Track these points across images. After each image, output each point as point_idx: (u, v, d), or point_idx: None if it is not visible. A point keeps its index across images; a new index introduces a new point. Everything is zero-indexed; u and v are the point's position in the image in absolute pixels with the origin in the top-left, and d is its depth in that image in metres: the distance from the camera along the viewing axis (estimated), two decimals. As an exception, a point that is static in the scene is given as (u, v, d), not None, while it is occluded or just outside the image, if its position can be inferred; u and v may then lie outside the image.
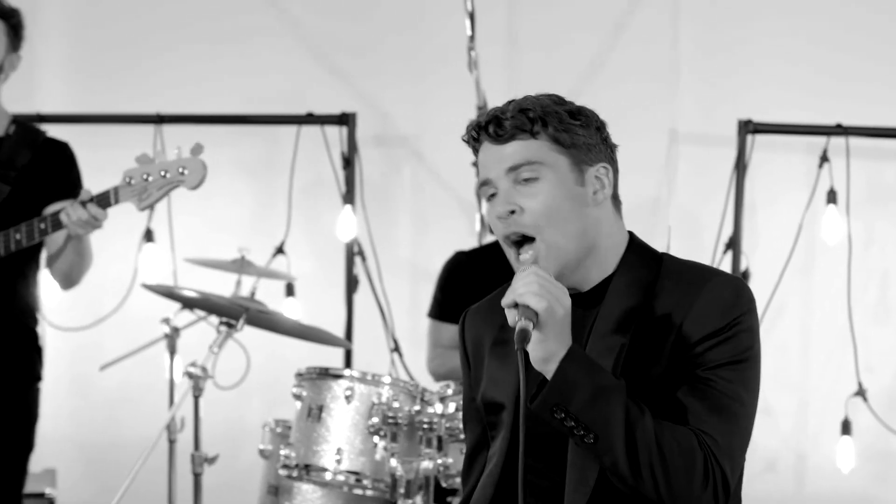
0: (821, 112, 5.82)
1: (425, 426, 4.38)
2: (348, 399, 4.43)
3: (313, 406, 4.48)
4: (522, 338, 2.50)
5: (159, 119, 5.93)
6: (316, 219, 6.31)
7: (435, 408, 4.40)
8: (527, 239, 2.73)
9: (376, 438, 4.39)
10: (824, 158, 5.71)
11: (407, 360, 5.95)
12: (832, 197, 5.72)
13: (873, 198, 6.01)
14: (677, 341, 2.65)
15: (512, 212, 2.71)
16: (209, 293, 4.75)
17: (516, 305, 2.54)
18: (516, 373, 2.78)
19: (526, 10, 6.40)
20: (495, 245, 5.47)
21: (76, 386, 6.29)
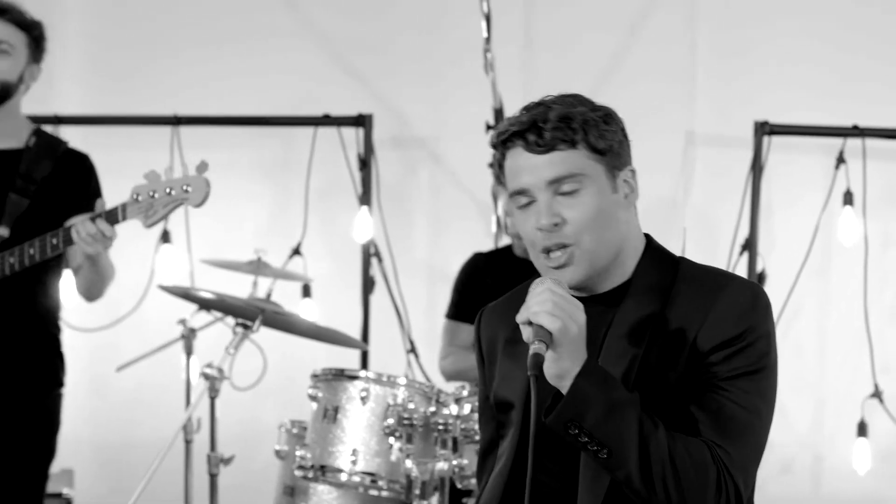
0: (837, 113, 5.82)
1: (440, 427, 4.38)
2: (364, 400, 4.43)
3: (329, 407, 4.48)
4: (536, 362, 2.48)
5: (176, 121, 5.95)
6: (332, 220, 6.32)
7: (450, 409, 4.40)
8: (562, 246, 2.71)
9: (392, 439, 4.39)
10: (841, 160, 5.71)
11: (423, 362, 5.95)
12: (849, 198, 5.72)
13: (890, 199, 6.00)
14: (693, 348, 2.64)
15: (555, 224, 2.69)
16: (225, 294, 4.76)
17: (531, 323, 2.52)
18: (526, 372, 2.80)
19: (542, 12, 6.40)
20: (512, 247, 5.48)
21: (93, 387, 6.30)
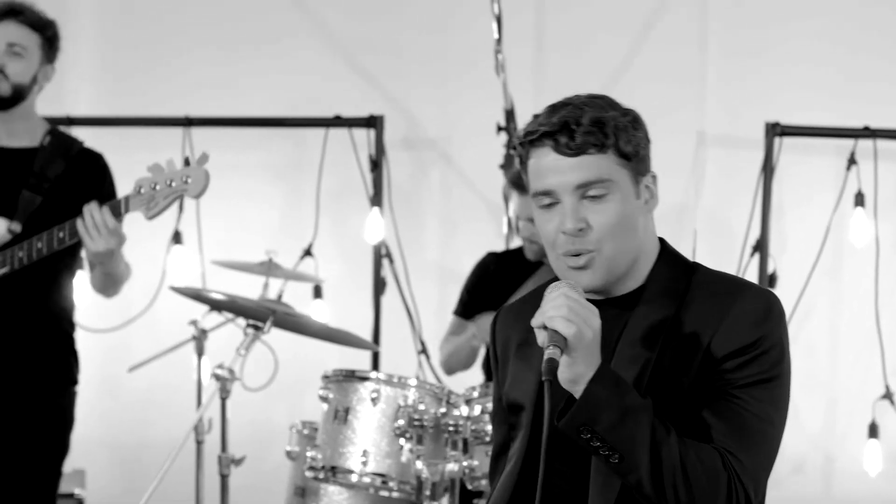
0: (848, 114, 5.81)
1: (451, 428, 4.38)
2: (374, 401, 4.44)
3: (340, 408, 4.49)
4: (550, 368, 2.47)
5: (188, 122, 5.96)
6: (344, 221, 6.33)
7: (461, 410, 4.40)
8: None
9: (402, 440, 4.39)
10: (852, 161, 5.70)
11: (434, 363, 5.95)
12: (860, 199, 5.72)
13: (901, 200, 6.00)
14: (706, 354, 2.63)
15: (580, 229, 2.67)
16: (236, 295, 4.76)
17: (545, 327, 2.51)
18: (536, 375, 2.79)
19: (553, 13, 6.41)
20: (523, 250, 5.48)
21: (105, 387, 6.31)
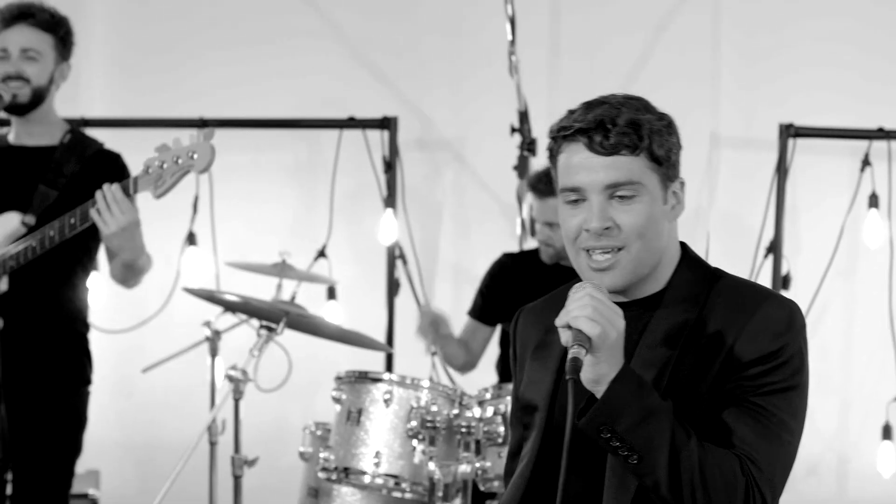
0: (862, 116, 5.81)
1: (463, 430, 4.39)
2: (387, 402, 4.44)
3: (353, 409, 4.49)
4: (574, 367, 2.46)
5: (202, 123, 5.96)
6: (358, 222, 6.33)
7: (473, 412, 4.40)
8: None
9: (415, 442, 4.40)
10: (866, 162, 5.69)
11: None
12: (874, 201, 5.71)
13: (916, 202, 5.99)
14: (726, 361, 2.63)
15: (606, 228, 2.67)
16: (249, 297, 4.77)
17: (570, 327, 2.51)
18: (552, 376, 2.81)
19: (567, 15, 6.41)
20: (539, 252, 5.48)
21: (119, 388, 6.33)
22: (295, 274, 5.13)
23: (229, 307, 5.01)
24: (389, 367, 5.88)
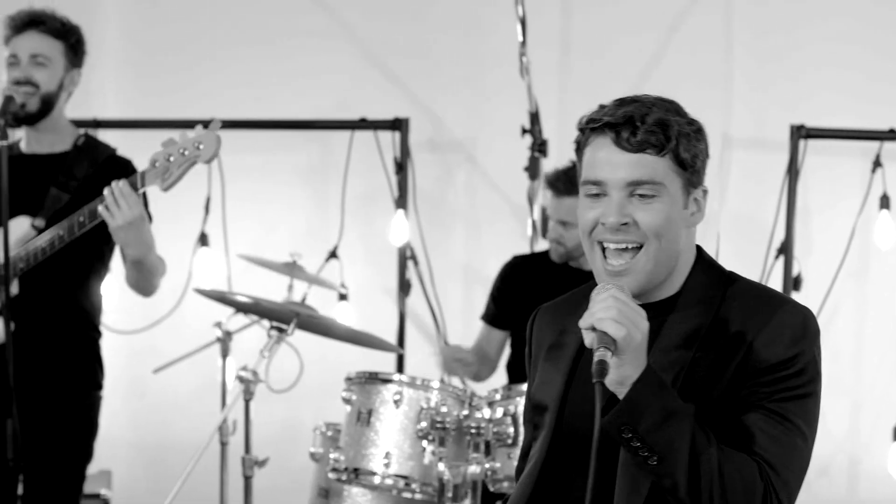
0: (874, 117, 5.80)
1: (473, 431, 4.39)
2: (397, 403, 4.45)
3: (363, 410, 4.50)
4: (601, 370, 2.45)
5: (208, 124, 5.97)
6: (369, 223, 6.34)
7: (483, 413, 4.41)
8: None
9: (424, 443, 4.40)
10: (877, 163, 5.69)
11: (458, 365, 5.96)
12: (885, 202, 5.71)
13: (927, 202, 5.98)
14: (741, 366, 2.64)
15: (623, 223, 2.68)
16: (260, 298, 4.78)
17: (594, 329, 2.51)
18: (563, 377, 2.83)
19: (578, 15, 6.41)
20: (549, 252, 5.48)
21: (131, 388, 6.35)
22: (306, 276, 5.13)
23: (240, 308, 5.03)
24: (400, 368, 5.89)
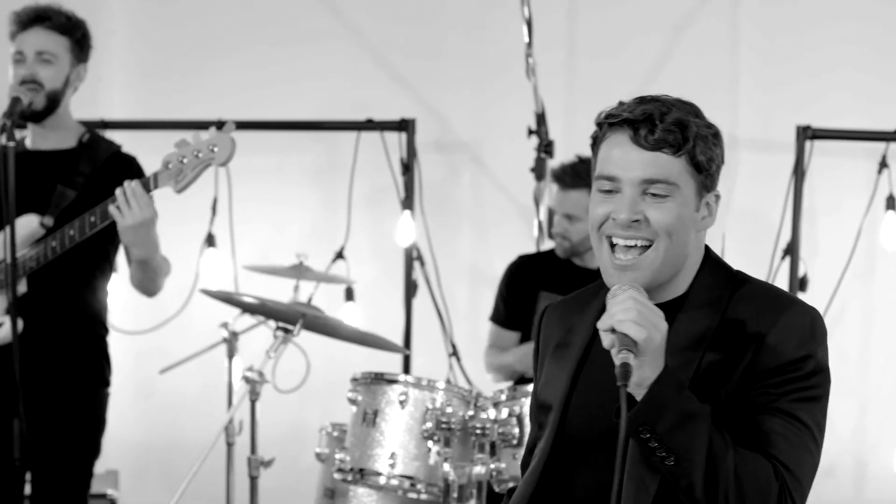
0: (880, 118, 5.79)
1: (478, 431, 4.40)
2: (402, 404, 4.46)
3: (368, 410, 4.51)
4: (625, 373, 2.44)
5: (221, 125, 5.97)
6: (375, 224, 6.35)
7: (488, 413, 4.42)
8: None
9: (430, 443, 4.41)
10: (883, 164, 5.68)
11: (465, 365, 5.96)
12: (891, 203, 5.69)
13: (933, 203, 5.97)
14: (749, 367, 2.64)
15: (635, 221, 2.69)
16: (266, 298, 4.79)
17: (613, 330, 2.50)
18: (568, 376, 2.83)
19: (585, 17, 6.41)
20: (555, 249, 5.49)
21: (138, 389, 6.36)
22: (312, 275, 5.14)
23: (246, 309, 5.03)
24: (407, 369, 5.89)
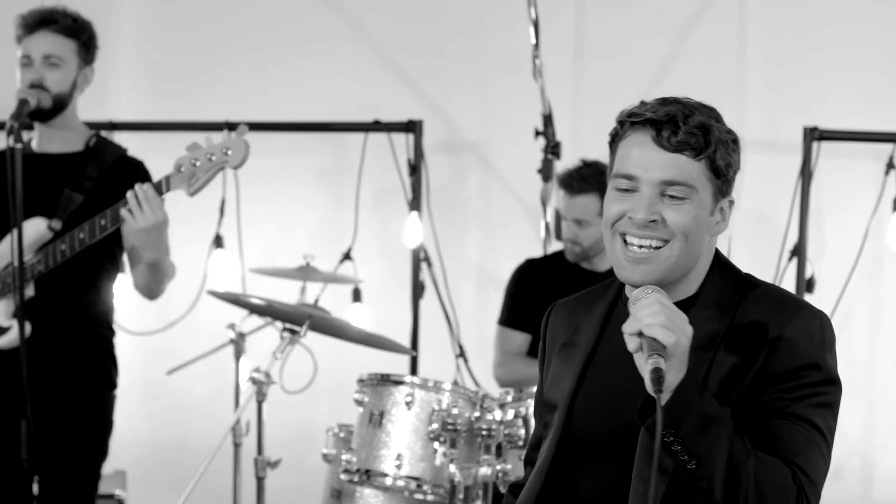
0: (887, 119, 5.80)
1: (484, 433, 4.40)
2: (409, 405, 4.46)
3: (375, 412, 4.51)
4: (658, 378, 2.42)
5: (229, 126, 5.97)
6: (383, 225, 6.35)
7: (494, 414, 4.42)
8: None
9: (436, 444, 4.41)
10: (891, 165, 5.67)
11: (472, 366, 5.97)
12: (898, 204, 5.71)
13: (940, 205, 5.97)
14: (760, 371, 2.64)
15: (652, 221, 2.69)
16: (273, 300, 4.79)
17: (640, 334, 2.49)
18: (574, 376, 2.84)
19: (592, 18, 6.41)
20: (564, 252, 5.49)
21: (146, 390, 6.37)
22: (319, 276, 5.14)
23: (254, 310, 5.04)
24: (414, 370, 5.89)
